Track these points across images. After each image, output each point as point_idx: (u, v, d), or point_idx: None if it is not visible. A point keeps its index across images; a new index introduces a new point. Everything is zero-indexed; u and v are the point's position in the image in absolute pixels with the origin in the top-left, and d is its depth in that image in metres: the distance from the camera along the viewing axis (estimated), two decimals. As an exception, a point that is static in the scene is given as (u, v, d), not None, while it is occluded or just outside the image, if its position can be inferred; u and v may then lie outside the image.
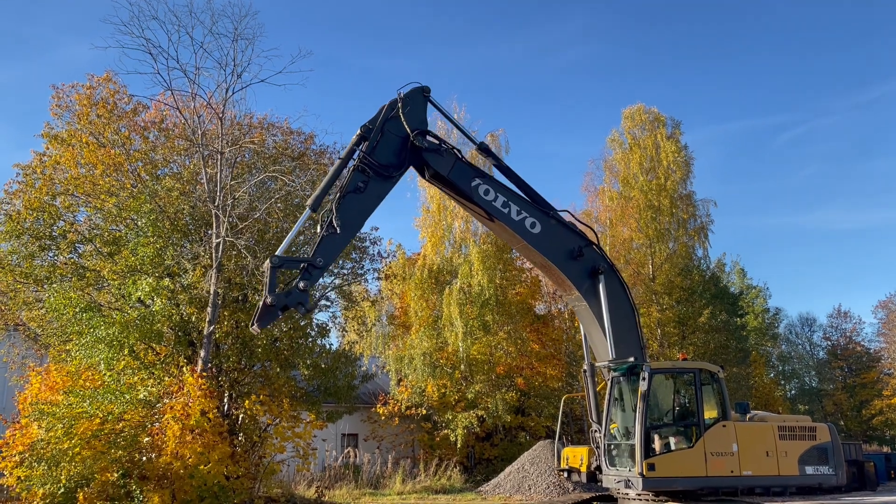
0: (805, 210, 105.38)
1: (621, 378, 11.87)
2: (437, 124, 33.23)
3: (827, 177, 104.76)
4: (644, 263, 35.05)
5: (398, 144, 11.52)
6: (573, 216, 12.85)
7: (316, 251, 10.93)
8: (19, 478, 15.39)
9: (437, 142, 11.78)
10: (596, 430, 12.23)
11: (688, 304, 34.32)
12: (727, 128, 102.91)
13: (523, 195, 12.66)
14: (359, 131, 11.51)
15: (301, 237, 20.14)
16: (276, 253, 10.87)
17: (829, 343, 55.42)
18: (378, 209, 12.12)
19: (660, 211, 35.27)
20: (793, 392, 56.16)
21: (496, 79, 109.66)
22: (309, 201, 11.22)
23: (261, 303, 10.39)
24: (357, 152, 11.39)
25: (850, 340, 53.97)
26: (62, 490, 15.09)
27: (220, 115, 17.77)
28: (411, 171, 12.68)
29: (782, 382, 55.50)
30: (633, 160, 36.40)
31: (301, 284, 10.43)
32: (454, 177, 11.86)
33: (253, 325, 10.57)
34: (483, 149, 13.11)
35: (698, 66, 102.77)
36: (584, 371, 12.91)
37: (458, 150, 12.37)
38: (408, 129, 11.41)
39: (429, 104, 12.44)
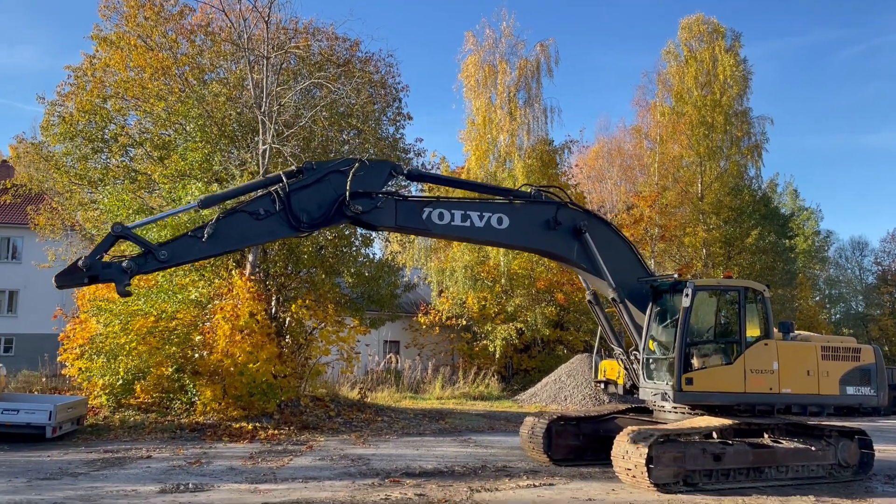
0: (865, 130, 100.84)
1: (664, 295, 11.82)
2: (485, 32, 32.39)
3: (890, 95, 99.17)
4: (693, 182, 34.29)
5: (329, 199, 9.97)
6: (532, 185, 12.04)
7: (167, 244, 9.36)
8: (80, 369, 16.34)
9: (370, 199, 10.20)
10: (620, 353, 12.29)
11: (736, 224, 33.68)
12: (787, 42, 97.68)
13: (475, 193, 11.88)
14: (301, 165, 10.24)
15: (350, 150, 20.11)
16: (129, 226, 9.40)
17: (880, 268, 54.15)
18: (421, 122, 11.41)
19: (713, 128, 34.15)
20: (837, 316, 55.44)
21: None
22: (202, 197, 9.78)
23: (75, 260, 8.81)
24: (283, 181, 9.80)
25: (901, 266, 52.64)
26: (120, 381, 16.00)
27: (266, 19, 17.55)
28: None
29: (828, 306, 54.76)
30: (688, 74, 35.01)
31: (125, 265, 8.78)
32: (402, 222, 10.53)
33: (54, 278, 8.91)
34: (413, 176, 11.93)
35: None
36: (590, 302, 12.75)
37: (395, 192, 10.97)
38: (347, 191, 9.93)
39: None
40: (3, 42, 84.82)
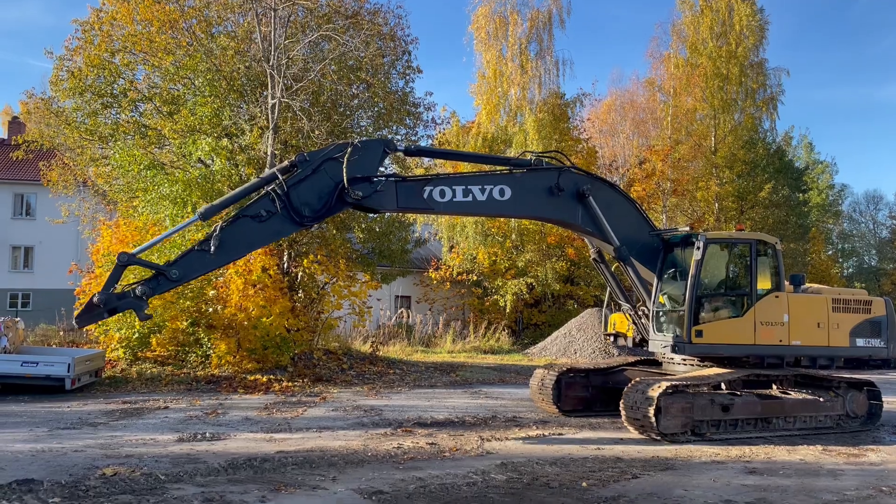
0: (883, 82, 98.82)
1: (675, 248, 11.80)
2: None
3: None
4: (706, 135, 33.85)
5: (328, 189, 9.79)
6: (532, 152, 11.84)
7: (176, 262, 9.30)
8: (97, 322, 16.58)
9: (370, 183, 9.95)
10: (628, 308, 12.33)
11: (749, 178, 33.35)
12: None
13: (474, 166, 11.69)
14: (294, 158, 9.94)
15: (359, 104, 19.96)
16: (134, 252, 9.46)
17: (894, 222, 53.73)
18: (432, 76, 11.34)
19: (728, 80, 33.56)
20: (850, 270, 55.28)
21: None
22: (202, 208, 9.66)
23: (90, 299, 9.03)
24: (279, 178, 9.61)
25: (916, 220, 52.22)
26: (136, 335, 16.26)
27: (273, -31, 17.25)
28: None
29: (840, 260, 54.57)
30: (703, 24, 34.28)
31: (139, 290, 8.92)
32: (404, 203, 10.37)
33: (74, 320, 9.26)
34: (410, 152, 11.86)
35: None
36: (595, 260, 12.73)
37: (394, 174, 10.83)
38: (345, 177, 9.70)
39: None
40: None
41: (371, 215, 21.14)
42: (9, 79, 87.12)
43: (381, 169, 10.86)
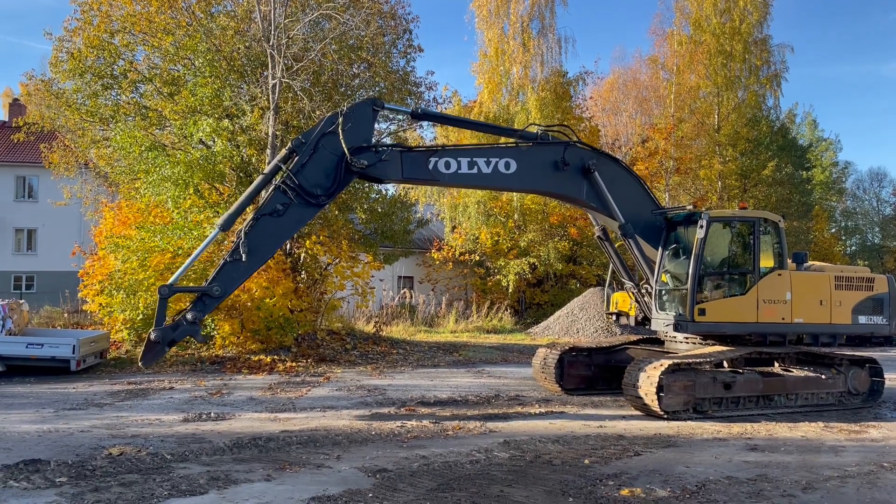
0: (888, 58, 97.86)
1: (678, 227, 11.78)
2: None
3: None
4: (710, 113, 33.66)
5: (333, 163, 9.88)
6: (539, 125, 11.79)
7: (214, 278, 9.57)
8: (101, 304, 16.66)
9: (374, 153, 10.01)
10: (631, 287, 12.32)
11: (752, 156, 33.20)
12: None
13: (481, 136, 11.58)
14: (289, 144, 10.00)
15: (360, 84, 19.81)
16: (170, 282, 9.73)
17: (898, 199, 53.53)
18: (433, 55, 11.32)
19: (731, 57, 33.29)
20: (853, 248, 55.17)
21: None
22: (220, 220, 9.84)
23: (147, 337, 9.41)
24: (282, 169, 9.81)
25: (921, 198, 52.00)
26: (140, 316, 16.29)
27: (271, -54, 17.08)
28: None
29: (843, 238, 54.46)
30: (706, 0, 33.95)
31: (189, 316, 9.36)
32: (409, 173, 10.32)
33: (140, 361, 9.60)
34: (417, 115, 11.76)
35: None
36: (599, 238, 12.72)
37: (399, 144, 10.86)
38: (345, 149, 9.74)
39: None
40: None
41: (374, 193, 21.15)
42: (9, 61, 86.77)
43: (386, 139, 10.89)
